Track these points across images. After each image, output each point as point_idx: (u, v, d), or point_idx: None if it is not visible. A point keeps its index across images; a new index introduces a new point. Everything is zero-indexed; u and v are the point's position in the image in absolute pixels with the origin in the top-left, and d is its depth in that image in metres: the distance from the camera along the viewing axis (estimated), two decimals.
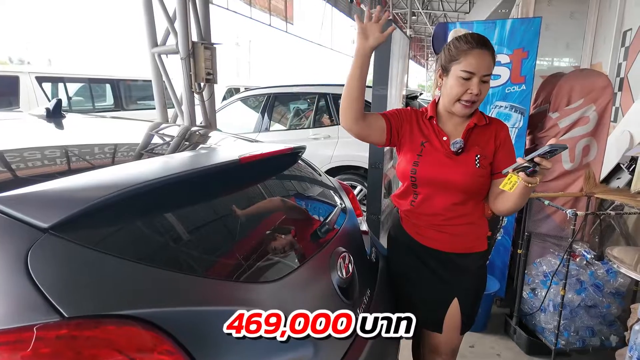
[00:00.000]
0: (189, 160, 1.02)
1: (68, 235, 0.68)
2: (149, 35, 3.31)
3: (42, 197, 0.72)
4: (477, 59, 1.20)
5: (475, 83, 1.20)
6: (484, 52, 1.20)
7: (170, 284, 0.73)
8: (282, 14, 10.17)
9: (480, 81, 1.21)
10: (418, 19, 19.22)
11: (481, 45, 1.21)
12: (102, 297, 0.66)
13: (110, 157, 1.10)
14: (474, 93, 1.21)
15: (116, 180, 0.81)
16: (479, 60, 1.20)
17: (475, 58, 1.20)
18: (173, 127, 1.76)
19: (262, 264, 0.93)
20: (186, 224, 0.89)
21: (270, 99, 4.68)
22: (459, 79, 1.22)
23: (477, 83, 1.20)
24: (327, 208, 1.37)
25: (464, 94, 1.22)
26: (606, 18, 4.35)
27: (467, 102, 1.23)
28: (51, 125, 1.32)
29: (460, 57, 1.21)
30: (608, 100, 2.37)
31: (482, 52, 1.20)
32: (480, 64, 1.19)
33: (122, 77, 6.87)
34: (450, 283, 1.37)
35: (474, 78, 1.20)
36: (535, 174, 1.03)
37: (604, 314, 2.14)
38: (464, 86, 1.21)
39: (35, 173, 0.90)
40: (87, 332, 0.62)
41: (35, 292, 0.61)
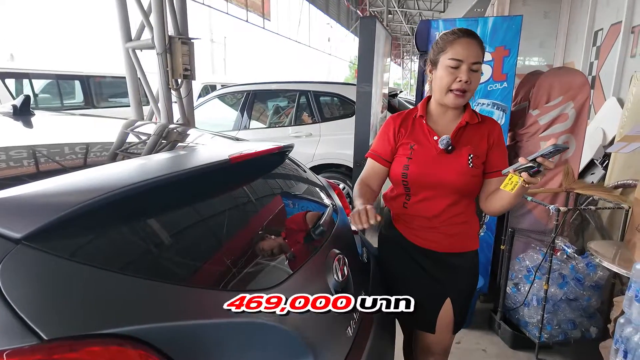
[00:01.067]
0: (175, 161, 0.95)
1: (44, 246, 0.61)
2: (122, 30, 3.16)
3: (13, 204, 0.65)
4: (464, 47, 1.19)
5: (464, 70, 1.19)
6: (470, 41, 1.20)
7: (160, 297, 0.67)
8: (259, 10, 10.02)
9: (469, 69, 1.20)
10: (394, 18, 19.40)
11: (467, 34, 1.21)
12: (84, 314, 0.59)
13: (88, 158, 1.01)
14: (463, 80, 1.19)
15: (96, 184, 0.73)
16: (466, 48, 1.19)
17: (462, 46, 1.20)
18: (151, 125, 1.67)
19: (257, 272, 0.88)
20: (175, 231, 0.83)
21: (250, 96, 4.58)
22: (447, 69, 1.21)
23: (466, 71, 1.19)
24: (319, 208, 1.33)
25: (453, 82, 1.21)
26: (578, 18, 4.48)
27: (458, 91, 1.21)
28: (19, 123, 1.21)
29: (447, 47, 1.21)
30: (586, 98, 2.42)
31: (469, 41, 1.20)
32: (467, 51, 1.19)
33: (93, 73, 6.57)
34: (444, 283, 1.35)
35: (462, 66, 1.19)
36: (537, 174, 1.02)
37: (584, 306, 2.19)
38: (453, 75, 1.20)
39: (4, 176, 0.82)
40: (69, 355, 0.55)
41: (7, 311, 0.54)
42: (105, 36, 8.21)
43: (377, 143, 1.38)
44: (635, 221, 2.01)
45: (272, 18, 11.09)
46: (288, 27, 14.30)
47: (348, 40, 21.23)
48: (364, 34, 2.41)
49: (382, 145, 1.35)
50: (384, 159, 1.35)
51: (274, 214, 1.12)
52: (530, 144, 2.55)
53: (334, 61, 26.08)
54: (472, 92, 1.24)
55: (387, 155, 1.35)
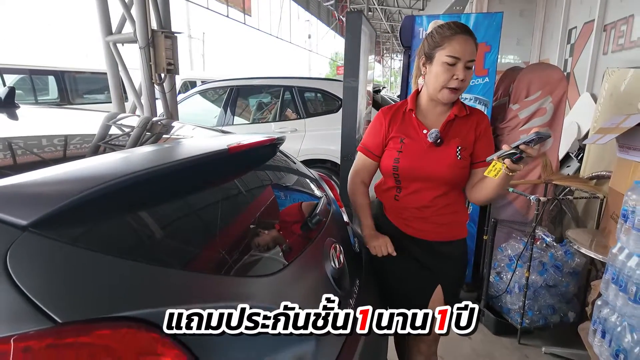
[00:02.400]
0: (174, 151, 0.95)
1: (50, 233, 0.61)
2: (102, 23, 3.09)
3: (17, 192, 0.64)
4: (462, 44, 1.21)
5: (460, 68, 1.22)
6: (467, 38, 1.23)
7: (168, 281, 0.68)
8: (239, 6, 9.91)
9: (464, 67, 1.22)
10: (374, 15, 19.51)
11: (464, 31, 1.23)
12: (94, 298, 0.60)
13: (85, 148, 1.00)
14: (459, 78, 1.22)
15: (98, 173, 0.73)
16: (463, 45, 1.21)
17: (460, 43, 1.21)
18: (139, 118, 1.65)
19: (259, 259, 0.89)
20: (177, 218, 0.83)
21: (233, 92, 4.54)
22: (444, 65, 1.23)
23: (462, 68, 1.22)
24: (313, 199, 1.35)
25: (450, 80, 1.23)
26: (553, 16, 4.64)
27: (453, 89, 1.24)
28: (7, 115, 1.18)
29: (444, 43, 1.23)
30: (563, 92, 2.52)
31: (466, 38, 1.22)
32: (464, 49, 1.21)
33: (68, 68, 6.36)
34: (434, 270, 1.39)
35: (459, 63, 1.22)
36: (520, 161, 1.06)
37: (563, 292, 2.28)
38: (449, 72, 1.22)
39: (5, 166, 0.80)
40: (82, 338, 0.56)
41: (19, 297, 0.54)
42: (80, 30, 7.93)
43: (368, 137, 1.40)
44: (610, 209, 2.11)
45: (252, 14, 11.01)
46: (269, 23, 14.20)
47: (329, 37, 21.27)
48: (350, 29, 2.43)
49: (373, 139, 1.38)
50: (374, 154, 1.38)
51: (272, 204, 1.13)
52: (511, 137, 2.63)
53: (315, 58, 26.09)
54: (464, 88, 1.27)
55: (377, 149, 1.38)
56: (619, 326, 1.43)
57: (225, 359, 0.71)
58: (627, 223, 1.43)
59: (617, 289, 1.46)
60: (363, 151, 1.41)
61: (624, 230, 1.46)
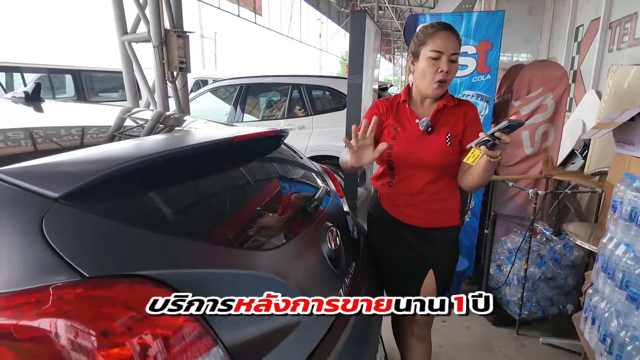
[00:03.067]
0: (185, 138, 1.05)
1: (76, 204, 0.71)
2: (118, 23, 3.22)
3: (50, 170, 0.74)
4: (444, 40, 1.31)
5: (444, 61, 1.31)
6: (449, 34, 1.32)
7: (179, 249, 0.77)
8: (250, 5, 10.05)
9: (448, 60, 1.31)
10: (385, 14, 19.49)
11: (445, 28, 1.33)
12: (115, 259, 0.69)
13: (105, 135, 1.11)
14: (444, 70, 1.31)
15: (118, 155, 0.83)
16: (445, 40, 1.31)
17: (442, 39, 1.31)
18: (156, 111, 1.76)
19: (259, 235, 0.98)
20: (188, 195, 0.93)
21: (243, 90, 4.65)
22: (429, 60, 1.32)
23: (446, 61, 1.31)
24: (314, 187, 1.43)
25: (435, 73, 1.32)
26: (561, 14, 4.64)
27: (439, 82, 1.33)
28: (35, 108, 1.30)
29: (427, 40, 1.33)
30: (564, 89, 2.56)
31: (448, 34, 1.32)
32: (447, 43, 1.31)
33: (84, 67, 6.56)
34: (426, 255, 1.47)
35: (442, 57, 1.31)
36: (495, 147, 1.12)
37: (561, 284, 2.33)
38: (434, 66, 1.32)
39: (39, 149, 0.91)
40: (103, 290, 0.65)
41: (53, 256, 0.64)
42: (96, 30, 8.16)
43: (364, 120, 1.47)
44: (607, 203, 2.15)
45: (263, 13, 11.14)
46: (279, 22, 14.32)
47: (339, 36, 21.31)
48: (354, 27, 2.52)
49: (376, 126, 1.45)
50: (376, 138, 1.44)
51: (274, 190, 1.23)
52: (512, 133, 2.68)
53: (326, 57, 26.14)
54: (449, 81, 1.36)
55: (379, 135, 1.45)
56: (606, 312, 1.49)
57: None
58: (616, 213, 1.49)
59: (605, 277, 1.51)
60: None
61: (612, 221, 1.52)
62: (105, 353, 0.62)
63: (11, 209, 0.67)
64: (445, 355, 2.15)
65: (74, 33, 12.80)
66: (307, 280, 1.00)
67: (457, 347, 2.22)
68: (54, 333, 0.61)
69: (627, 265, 1.37)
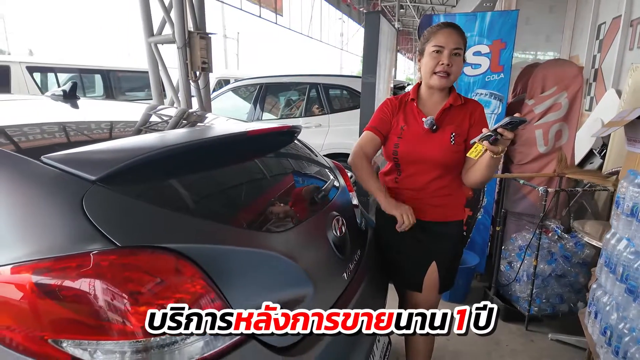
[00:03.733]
0: (205, 131, 1.16)
1: (111, 186, 0.82)
2: (145, 25, 3.40)
3: (89, 157, 0.87)
4: (445, 35, 1.39)
5: (445, 55, 1.39)
6: (450, 31, 1.40)
7: (197, 227, 0.88)
8: (271, 6, 10.22)
9: (450, 54, 1.38)
10: (406, 12, 19.37)
11: (448, 25, 1.41)
12: (142, 232, 0.80)
13: (134, 128, 1.24)
14: (445, 63, 1.38)
15: (144, 145, 0.95)
16: (446, 36, 1.39)
17: (443, 35, 1.39)
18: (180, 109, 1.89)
19: (269, 218, 1.08)
20: (206, 181, 1.04)
21: (262, 89, 4.79)
22: (431, 54, 1.40)
23: (448, 55, 1.38)
24: (323, 180, 1.53)
25: (437, 65, 1.40)
26: (583, 12, 4.56)
27: (441, 73, 1.40)
28: (72, 104, 1.44)
29: (431, 37, 1.42)
30: (578, 88, 2.56)
31: (449, 30, 1.40)
32: (448, 38, 1.39)
33: (113, 67, 6.86)
34: (430, 248, 1.53)
35: (444, 51, 1.39)
36: (497, 143, 1.18)
37: (572, 282, 2.35)
38: (436, 59, 1.40)
39: (79, 140, 1.05)
40: (131, 258, 0.76)
41: (92, 228, 0.75)
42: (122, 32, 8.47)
43: (375, 120, 1.55)
44: None
45: (284, 13, 11.30)
46: (300, 22, 14.46)
47: (359, 35, 21.28)
48: (368, 28, 2.59)
49: (380, 121, 1.54)
50: (381, 133, 1.53)
51: (286, 181, 1.33)
52: (526, 131, 2.70)
53: (346, 56, 26.14)
54: (455, 74, 1.42)
55: (384, 129, 1.53)
56: (607, 306, 1.52)
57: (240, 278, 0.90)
58: (619, 209, 1.52)
59: (608, 271, 1.55)
60: (372, 130, 1.54)
61: (615, 216, 1.55)
62: (133, 310, 0.73)
63: (57, 189, 0.80)
64: (452, 347, 2.20)
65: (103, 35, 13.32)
66: (312, 262, 1.09)
67: (463, 340, 2.26)
68: (92, 293, 0.72)
69: (627, 260, 1.41)
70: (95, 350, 0.72)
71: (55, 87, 3.98)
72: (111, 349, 0.72)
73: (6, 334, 0.73)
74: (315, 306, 1.02)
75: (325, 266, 1.15)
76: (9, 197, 0.79)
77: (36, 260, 0.72)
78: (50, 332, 0.71)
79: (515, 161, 2.80)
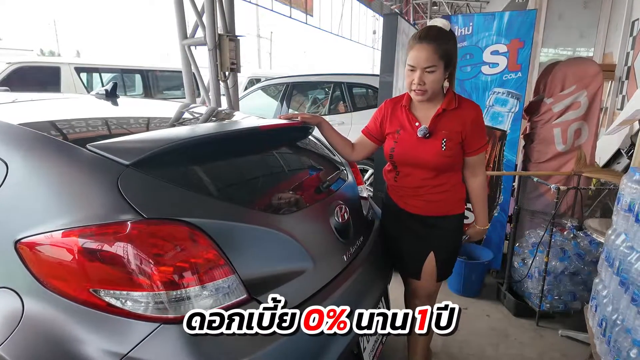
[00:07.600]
0: (226, 125, 1.33)
1: (141, 169, 0.99)
2: (179, 29, 3.65)
3: (124, 145, 1.05)
4: (417, 53, 1.38)
5: (417, 75, 1.39)
6: (423, 46, 1.37)
7: (212, 205, 1.05)
8: (302, 6, 10.41)
9: (423, 73, 1.38)
10: (440, 9, 19.01)
11: (422, 39, 1.38)
12: (165, 207, 0.97)
13: (166, 122, 1.43)
14: (415, 83, 1.40)
15: (173, 135, 1.13)
16: (418, 54, 1.38)
17: (416, 52, 1.38)
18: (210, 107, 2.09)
19: (277, 202, 1.24)
20: (224, 167, 1.21)
21: (289, 88, 4.97)
22: (407, 71, 1.44)
23: (420, 75, 1.39)
24: (331, 172, 1.66)
25: (410, 84, 1.44)
26: (618, 8, 4.42)
27: (417, 91, 1.42)
28: (113, 102, 1.66)
29: (409, 51, 1.43)
30: (598, 87, 2.55)
31: (422, 46, 1.37)
32: (419, 58, 1.37)
33: (151, 67, 7.27)
34: (428, 240, 1.63)
35: (417, 70, 1.39)
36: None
37: (585, 280, 2.36)
38: (410, 77, 1.43)
39: (118, 131, 1.24)
40: (154, 227, 0.93)
41: (126, 204, 0.93)
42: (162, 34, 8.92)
43: (370, 123, 1.69)
44: None
45: (314, 13, 11.47)
46: (330, 22, 14.59)
47: None
48: (386, 28, 2.69)
49: (374, 125, 1.66)
50: (374, 136, 1.66)
51: (296, 170, 1.48)
52: (544, 130, 2.71)
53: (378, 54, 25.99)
54: (431, 89, 1.42)
55: (376, 133, 1.65)
56: (605, 298, 1.56)
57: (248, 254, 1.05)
58: (619, 206, 1.56)
59: (607, 266, 1.59)
60: (365, 133, 1.70)
61: (616, 212, 1.58)
62: (157, 270, 0.90)
63: (98, 171, 0.98)
64: (460, 338, 2.27)
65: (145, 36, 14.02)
66: (312, 242, 1.23)
67: (472, 332, 2.34)
68: (124, 254, 0.90)
69: (623, 254, 1.45)
70: (126, 300, 0.89)
71: (99, 87, 4.34)
72: (137, 298, 0.89)
73: (57, 284, 0.91)
74: (313, 280, 1.16)
75: (325, 247, 1.28)
76: (61, 177, 0.98)
77: (82, 226, 0.91)
78: (91, 284, 0.89)
79: (533, 159, 2.81)
